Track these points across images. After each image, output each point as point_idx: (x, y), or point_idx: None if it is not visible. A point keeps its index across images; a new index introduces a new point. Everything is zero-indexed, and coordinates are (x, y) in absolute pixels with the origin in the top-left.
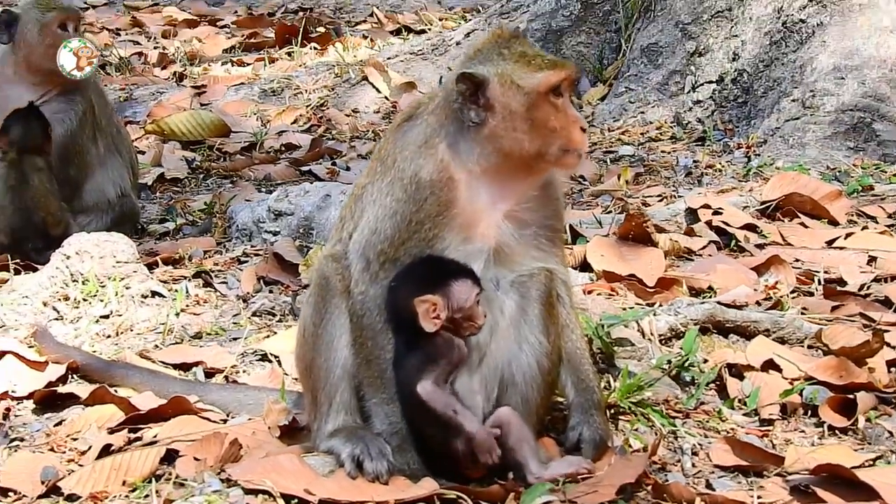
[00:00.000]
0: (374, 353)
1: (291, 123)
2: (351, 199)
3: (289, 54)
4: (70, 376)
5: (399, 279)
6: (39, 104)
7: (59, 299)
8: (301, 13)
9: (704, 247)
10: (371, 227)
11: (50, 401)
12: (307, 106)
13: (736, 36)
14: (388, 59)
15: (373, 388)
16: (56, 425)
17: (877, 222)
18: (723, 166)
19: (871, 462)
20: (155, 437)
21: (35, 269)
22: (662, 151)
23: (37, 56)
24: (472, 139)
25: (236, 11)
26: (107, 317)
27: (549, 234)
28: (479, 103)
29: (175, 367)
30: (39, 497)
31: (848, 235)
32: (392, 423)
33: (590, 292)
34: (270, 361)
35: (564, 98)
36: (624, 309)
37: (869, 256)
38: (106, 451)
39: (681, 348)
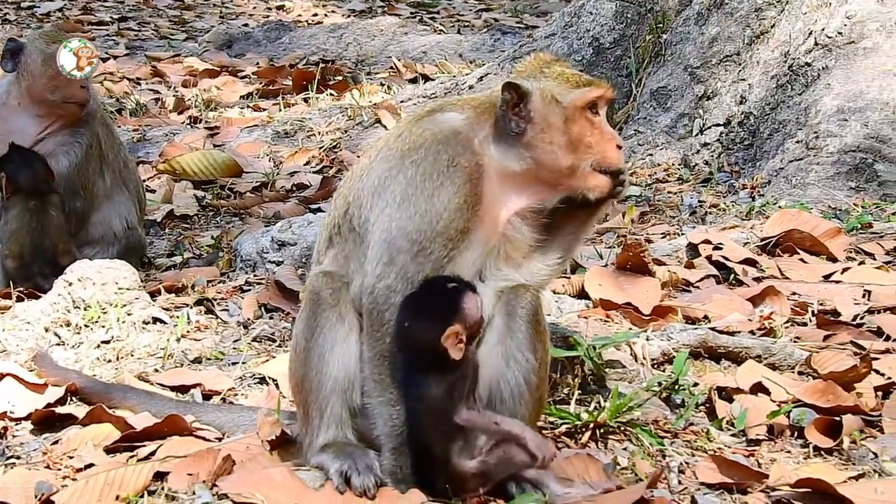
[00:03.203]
0: (389, 349)
1: (304, 164)
2: (347, 181)
3: (305, 100)
4: (69, 398)
5: (412, 318)
6: (45, 136)
7: (61, 325)
8: (322, 64)
9: (702, 279)
10: (406, 212)
11: (48, 421)
12: (320, 147)
13: (743, 80)
14: (402, 102)
15: (380, 386)
16: (53, 444)
17: (874, 259)
18: (727, 206)
19: (854, 479)
20: (150, 454)
21: (37, 298)
22: (669, 192)
23: (39, 87)
24: (510, 145)
25: (258, 63)
26: (108, 342)
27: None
28: (521, 115)
29: (173, 389)
30: None
31: (845, 270)
32: (395, 426)
33: (585, 318)
34: (268, 384)
35: (601, 116)
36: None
37: (864, 290)
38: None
39: (672, 371)
